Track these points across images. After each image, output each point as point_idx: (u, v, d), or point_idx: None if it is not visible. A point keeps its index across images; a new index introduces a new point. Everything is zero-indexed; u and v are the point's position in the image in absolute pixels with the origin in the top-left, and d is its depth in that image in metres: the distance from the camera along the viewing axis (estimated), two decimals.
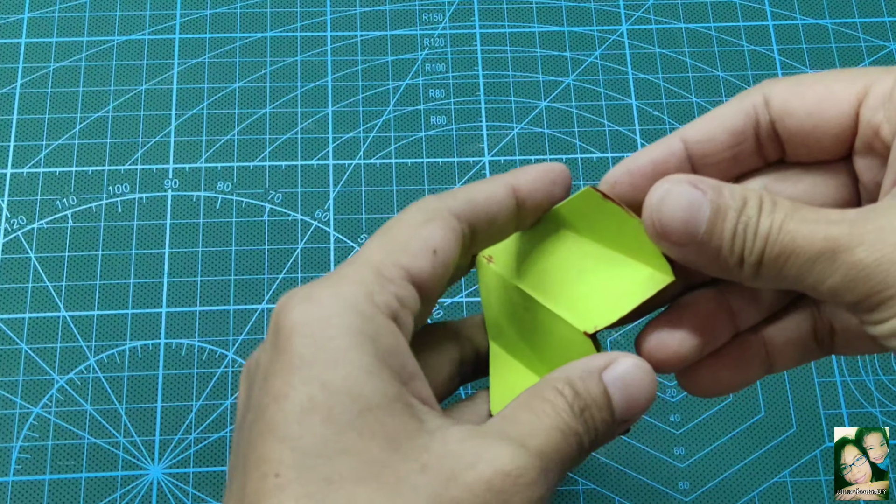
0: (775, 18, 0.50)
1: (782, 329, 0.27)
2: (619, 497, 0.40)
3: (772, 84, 0.26)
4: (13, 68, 0.47)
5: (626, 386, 0.24)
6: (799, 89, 0.25)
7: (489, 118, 0.47)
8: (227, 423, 0.41)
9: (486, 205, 0.26)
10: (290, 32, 0.49)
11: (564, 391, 0.23)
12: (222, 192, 0.45)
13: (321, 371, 0.21)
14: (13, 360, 0.41)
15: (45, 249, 0.43)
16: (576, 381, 0.24)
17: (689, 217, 0.23)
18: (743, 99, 0.26)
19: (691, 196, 0.23)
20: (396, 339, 0.22)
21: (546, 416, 0.23)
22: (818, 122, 0.25)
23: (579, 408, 0.23)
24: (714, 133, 0.26)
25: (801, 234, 0.22)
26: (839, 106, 0.25)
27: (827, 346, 0.27)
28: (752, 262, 0.23)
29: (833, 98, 0.25)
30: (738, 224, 0.23)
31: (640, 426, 0.41)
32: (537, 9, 0.50)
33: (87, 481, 0.39)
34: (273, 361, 0.22)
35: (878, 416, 0.42)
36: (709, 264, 0.24)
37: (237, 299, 0.43)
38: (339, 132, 0.47)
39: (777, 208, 0.23)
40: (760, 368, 0.27)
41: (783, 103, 0.25)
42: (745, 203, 0.23)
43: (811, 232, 0.22)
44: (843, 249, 0.21)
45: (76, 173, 0.45)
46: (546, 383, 0.24)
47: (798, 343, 0.27)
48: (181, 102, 0.47)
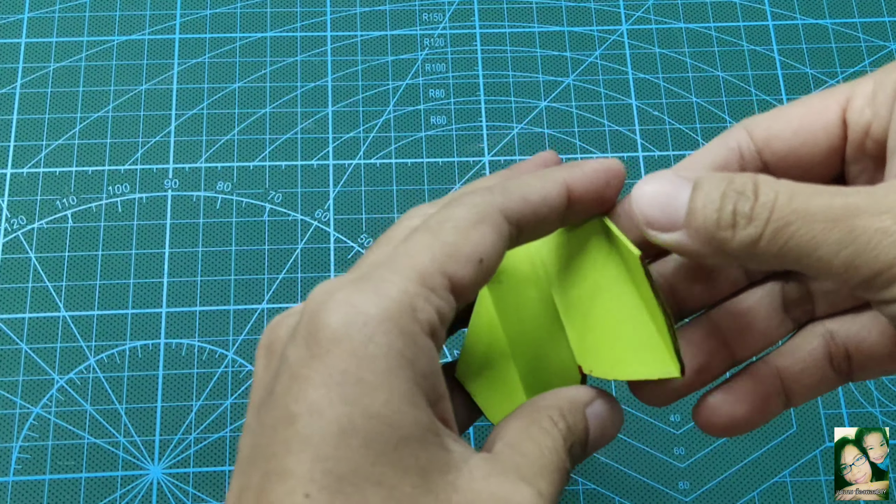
0: (775, 18, 0.50)
1: (796, 360, 0.26)
2: (619, 497, 0.40)
3: (752, 118, 0.26)
4: (13, 68, 0.47)
5: (601, 424, 0.25)
6: (779, 114, 0.25)
7: (489, 118, 0.47)
8: (227, 423, 0.41)
9: (539, 206, 0.24)
10: (290, 32, 0.49)
11: (560, 425, 0.23)
12: (222, 192, 0.45)
13: (363, 393, 0.20)
14: (13, 360, 0.41)
15: (45, 249, 0.43)
16: (566, 414, 0.24)
17: (669, 199, 0.23)
18: (724, 136, 0.26)
19: (671, 180, 0.23)
20: (432, 361, 0.22)
21: (549, 452, 0.23)
22: (806, 138, 0.25)
23: (570, 443, 0.23)
24: (697, 171, 0.26)
25: (814, 202, 0.21)
26: (825, 117, 0.25)
27: (845, 373, 0.26)
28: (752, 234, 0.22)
29: (817, 112, 0.25)
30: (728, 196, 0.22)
31: (641, 426, 0.41)
32: (537, 9, 0.50)
33: (87, 481, 0.39)
34: (307, 365, 0.21)
35: (878, 416, 0.42)
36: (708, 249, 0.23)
37: (237, 299, 0.43)
38: (339, 132, 0.47)
39: (780, 182, 0.22)
40: (778, 403, 0.26)
41: (766, 130, 0.25)
42: (732, 178, 0.22)
43: (827, 199, 0.21)
44: (866, 215, 0.20)
45: (76, 173, 0.45)
46: (541, 410, 0.24)
47: (814, 372, 0.26)
48: (181, 102, 0.47)
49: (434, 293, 0.22)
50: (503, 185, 0.24)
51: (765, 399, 0.26)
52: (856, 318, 0.26)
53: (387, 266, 0.22)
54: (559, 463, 0.23)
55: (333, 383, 0.20)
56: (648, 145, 0.47)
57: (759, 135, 0.25)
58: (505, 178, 0.26)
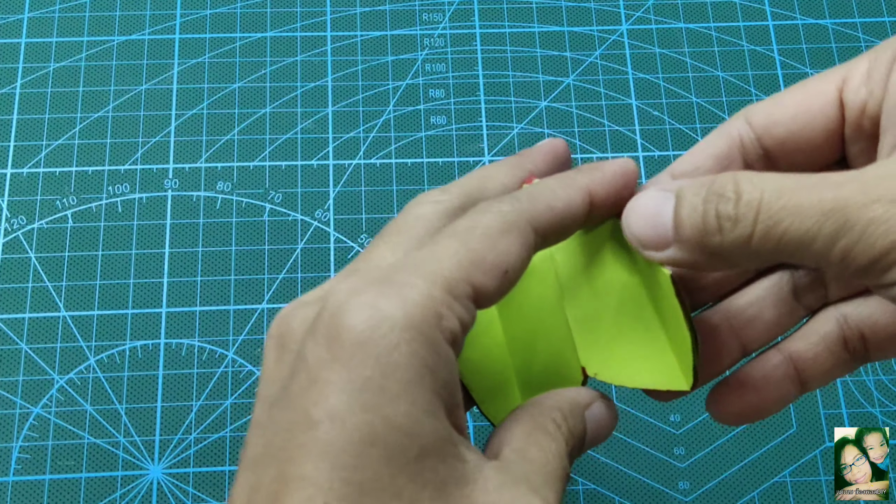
0: (775, 18, 0.50)
1: (810, 345, 0.26)
2: (619, 497, 0.40)
3: (751, 106, 0.26)
4: (13, 68, 0.47)
5: (597, 427, 0.25)
6: (778, 100, 0.25)
7: (489, 118, 0.47)
8: (227, 423, 0.41)
9: (563, 214, 0.24)
10: (290, 32, 0.49)
11: (562, 428, 0.24)
12: (222, 192, 0.45)
13: (384, 402, 0.20)
14: (13, 360, 0.41)
15: (45, 249, 0.43)
16: (568, 417, 0.24)
17: (656, 216, 0.23)
18: (724, 127, 0.26)
19: (654, 196, 0.23)
20: (452, 370, 0.21)
21: (553, 458, 0.23)
22: (804, 122, 0.25)
23: (570, 447, 0.23)
24: (698, 162, 0.26)
25: (804, 196, 0.20)
26: (822, 99, 0.25)
27: (861, 355, 0.26)
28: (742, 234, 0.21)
29: (814, 95, 0.25)
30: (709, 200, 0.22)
31: (641, 426, 0.41)
32: (537, 9, 0.50)
33: (87, 481, 0.39)
34: (328, 368, 0.20)
35: (878, 416, 0.42)
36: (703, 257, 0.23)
37: (237, 299, 0.43)
38: (339, 132, 0.47)
39: (764, 177, 0.21)
40: (792, 389, 0.26)
41: (765, 117, 0.25)
42: (713, 181, 0.22)
43: (817, 192, 0.20)
44: (858, 206, 0.20)
45: (76, 173, 0.45)
46: (544, 413, 0.24)
47: (829, 356, 0.26)
48: (181, 102, 0.47)
49: (458, 301, 0.21)
50: (529, 192, 0.24)
51: (778, 386, 0.26)
52: (868, 299, 0.26)
53: (412, 270, 0.21)
54: (562, 470, 0.23)
55: (355, 390, 0.20)
56: (648, 145, 0.47)
57: (759, 122, 0.25)
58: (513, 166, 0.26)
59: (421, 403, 0.20)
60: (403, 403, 0.20)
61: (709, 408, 0.27)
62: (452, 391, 0.21)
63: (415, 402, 0.20)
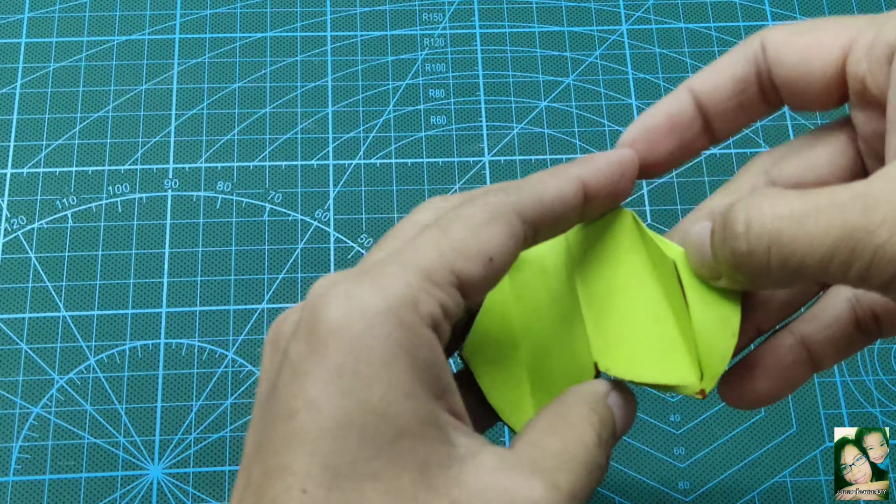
0: (775, 18, 0.50)
1: (822, 326, 0.26)
2: (619, 497, 0.40)
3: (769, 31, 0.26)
4: (13, 68, 0.47)
5: (622, 413, 0.25)
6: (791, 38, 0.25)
7: (489, 118, 0.47)
8: (227, 423, 0.41)
9: (553, 204, 0.24)
10: (290, 32, 0.49)
11: (591, 419, 0.23)
12: (222, 192, 0.45)
13: (359, 386, 0.20)
14: (13, 360, 0.41)
15: (45, 249, 0.43)
16: (594, 406, 0.24)
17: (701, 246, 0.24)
18: (744, 46, 0.26)
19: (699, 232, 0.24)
20: (434, 352, 0.21)
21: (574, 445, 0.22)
22: (805, 73, 0.25)
23: (604, 436, 0.23)
24: (719, 81, 0.26)
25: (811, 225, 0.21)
26: (825, 58, 0.24)
27: (874, 333, 0.26)
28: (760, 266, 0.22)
29: (820, 49, 0.24)
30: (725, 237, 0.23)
31: (640, 426, 0.41)
32: (537, 9, 0.50)
33: (87, 481, 0.39)
34: (307, 361, 0.21)
35: (878, 416, 0.42)
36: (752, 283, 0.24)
37: (237, 299, 0.43)
38: (339, 132, 0.47)
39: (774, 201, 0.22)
40: (806, 369, 0.26)
41: (776, 51, 0.25)
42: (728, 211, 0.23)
43: (825, 219, 0.21)
44: (864, 234, 0.20)
45: (76, 173, 0.45)
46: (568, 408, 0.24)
47: (841, 337, 0.26)
48: (181, 102, 0.47)
49: (439, 288, 0.21)
50: (517, 184, 0.24)
51: (791, 370, 0.26)
52: None
53: (391, 261, 0.22)
54: (587, 457, 0.22)
55: (332, 377, 0.20)
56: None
57: (770, 54, 0.25)
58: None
59: (398, 385, 0.20)
60: (379, 386, 0.20)
61: (721, 393, 0.27)
62: (438, 374, 0.21)
63: (391, 384, 0.20)
